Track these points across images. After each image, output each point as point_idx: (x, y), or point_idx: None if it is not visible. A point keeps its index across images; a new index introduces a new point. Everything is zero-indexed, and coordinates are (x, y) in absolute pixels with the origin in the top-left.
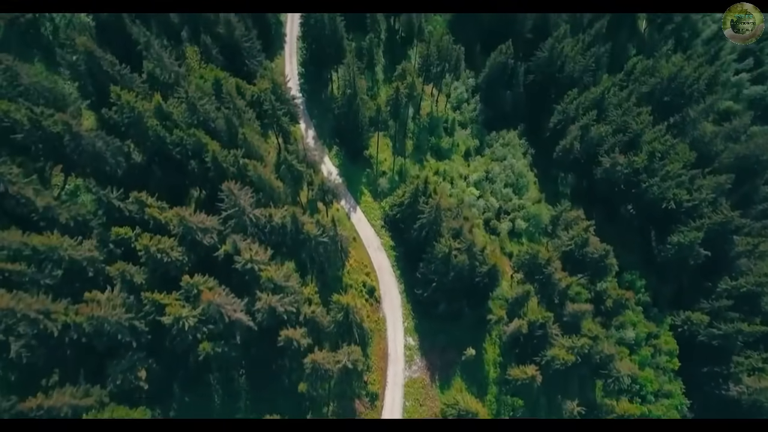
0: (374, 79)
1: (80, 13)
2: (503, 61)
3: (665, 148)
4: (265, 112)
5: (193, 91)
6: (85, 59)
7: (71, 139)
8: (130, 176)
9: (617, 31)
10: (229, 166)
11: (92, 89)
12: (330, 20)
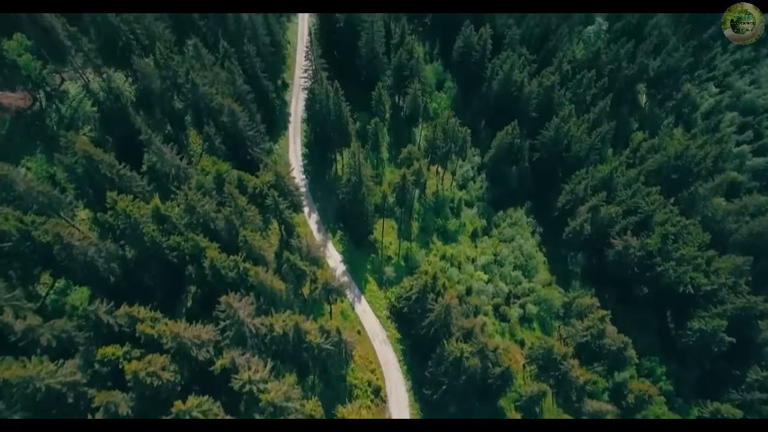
0: (379, 158)
1: (86, 103)
2: (510, 141)
3: (678, 230)
4: (268, 207)
5: (194, 194)
6: (84, 162)
7: (62, 249)
8: (124, 279)
9: (618, 105)
10: (229, 271)
11: (90, 189)
12: (335, 104)
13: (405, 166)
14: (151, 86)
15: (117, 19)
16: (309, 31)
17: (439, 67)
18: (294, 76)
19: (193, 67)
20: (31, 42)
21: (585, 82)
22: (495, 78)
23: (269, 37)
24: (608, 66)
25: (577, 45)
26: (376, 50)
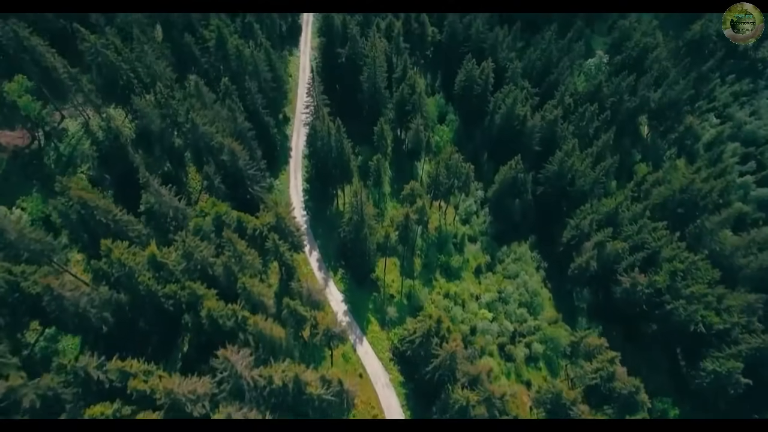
0: (381, 193)
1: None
2: (513, 175)
3: (686, 266)
4: (268, 249)
5: (191, 240)
6: (79, 209)
7: (51, 300)
8: (117, 327)
9: (621, 137)
10: (227, 320)
11: (84, 234)
12: (337, 141)
13: (408, 203)
14: (150, 125)
15: (118, 58)
16: (311, 67)
17: (441, 99)
18: (295, 109)
19: (193, 107)
20: (32, 83)
21: (587, 116)
22: (497, 112)
23: (271, 73)
24: (610, 99)
25: (578, 77)
26: (378, 85)
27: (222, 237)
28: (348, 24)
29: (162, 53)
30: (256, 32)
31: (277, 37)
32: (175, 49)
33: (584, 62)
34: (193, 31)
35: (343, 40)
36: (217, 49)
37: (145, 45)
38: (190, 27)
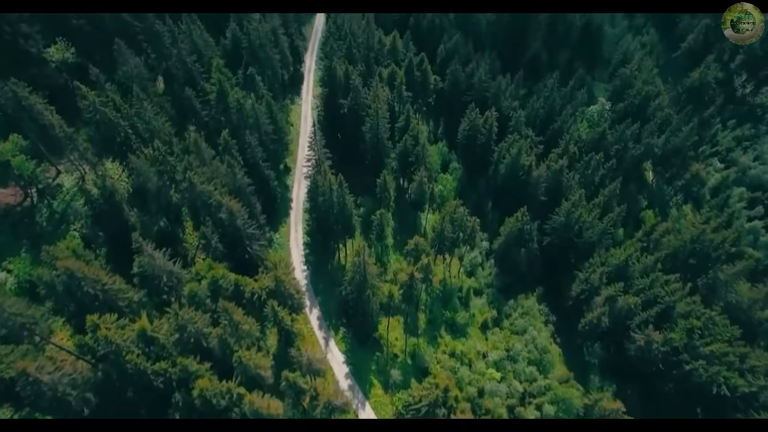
0: (384, 245)
1: (78, 200)
2: (519, 227)
3: (704, 322)
4: (266, 316)
5: (185, 312)
6: (65, 280)
7: (27, 385)
8: (102, 399)
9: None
10: (221, 399)
11: (71, 304)
12: (339, 197)
13: (411, 258)
14: (147, 183)
15: (117, 115)
16: (313, 117)
17: (444, 148)
18: (297, 159)
19: (191, 165)
20: (27, 142)
21: (593, 164)
22: (502, 161)
23: (272, 125)
24: (614, 146)
25: (581, 124)
26: (380, 135)
27: (218, 302)
28: (350, 74)
29: (162, 106)
30: (258, 84)
31: (279, 86)
32: (175, 102)
33: (587, 109)
34: (194, 83)
35: (345, 90)
36: (217, 102)
37: (145, 101)
38: (191, 80)
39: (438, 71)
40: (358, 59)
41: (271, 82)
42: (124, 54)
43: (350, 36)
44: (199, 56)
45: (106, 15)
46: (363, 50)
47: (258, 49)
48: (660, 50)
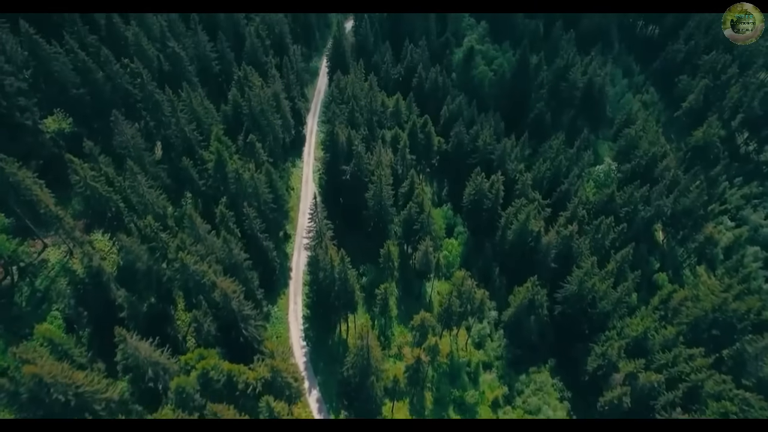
0: (387, 316)
1: (61, 280)
2: (530, 297)
3: (738, 406)
4: (260, 411)
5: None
6: (32, 388)
7: None
8: None
9: (637, 244)
10: None
11: (40, 412)
12: (341, 273)
13: (417, 333)
14: (136, 262)
15: (109, 189)
16: (314, 193)
17: (449, 211)
18: (297, 225)
19: (184, 243)
20: (10, 220)
21: (603, 228)
22: (509, 227)
23: (272, 194)
24: (624, 208)
25: (587, 183)
26: (384, 203)
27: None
28: (353, 139)
29: (158, 176)
30: (258, 151)
31: (280, 149)
32: (172, 171)
33: (593, 169)
34: (193, 152)
35: (347, 155)
36: (215, 172)
37: (138, 175)
38: (189, 148)
39: (441, 132)
40: (360, 123)
41: (271, 147)
42: (121, 125)
43: (353, 100)
44: (198, 124)
45: (108, 84)
46: (366, 114)
47: (259, 116)
48: (660, 108)
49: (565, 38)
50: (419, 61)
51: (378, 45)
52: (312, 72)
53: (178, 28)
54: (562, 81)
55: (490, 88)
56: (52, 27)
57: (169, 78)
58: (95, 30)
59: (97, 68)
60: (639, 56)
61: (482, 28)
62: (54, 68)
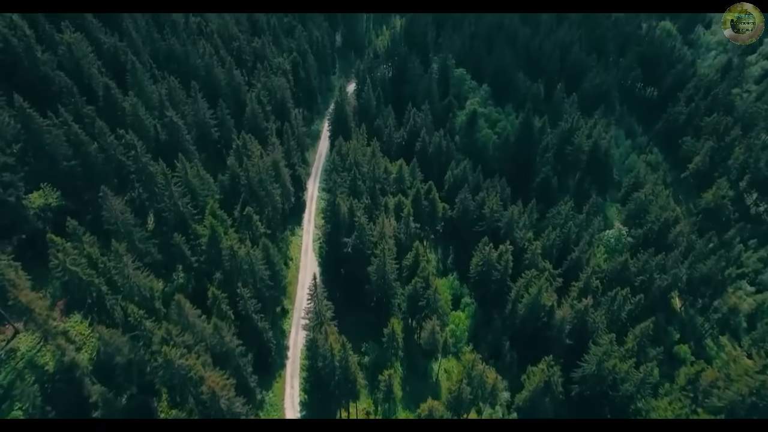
0: (392, 399)
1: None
2: (546, 380)
3: None
4: None
5: None
6: None
7: None
8: None
9: (653, 312)
10: None
11: None
12: (341, 361)
13: None
14: (116, 355)
15: (91, 273)
16: (314, 274)
17: (455, 281)
18: (296, 298)
19: (170, 334)
20: None
21: (619, 300)
22: (520, 301)
23: (269, 271)
24: (638, 277)
25: (597, 248)
26: (387, 277)
27: None
28: (355, 211)
29: (148, 251)
30: (255, 224)
31: (279, 218)
32: (163, 245)
33: (603, 233)
34: (186, 226)
35: (349, 227)
36: (209, 248)
37: (125, 256)
38: (182, 222)
39: (446, 198)
40: (362, 191)
41: (269, 218)
42: (109, 201)
43: (355, 167)
44: (193, 196)
45: (100, 156)
46: (368, 181)
47: (257, 186)
48: (666, 169)
49: (568, 101)
50: (422, 125)
51: (380, 108)
52: (313, 135)
53: (178, 96)
54: (567, 144)
55: (494, 151)
56: (49, 99)
57: (166, 147)
58: (93, 100)
59: (91, 140)
60: (640, 117)
61: (484, 90)
62: (46, 141)
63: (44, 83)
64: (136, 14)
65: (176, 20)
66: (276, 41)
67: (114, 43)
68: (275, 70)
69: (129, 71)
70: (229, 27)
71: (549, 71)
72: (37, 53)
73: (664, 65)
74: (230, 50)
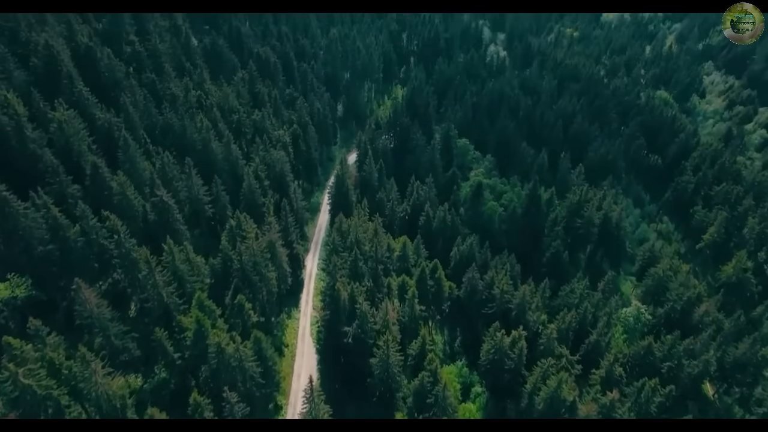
0: None
1: None
2: None
3: None
4: None
5: None
6: None
7: None
8: None
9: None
10: None
11: None
12: None
13: None
14: None
15: (50, 383)
16: (310, 377)
17: (464, 368)
18: (290, 391)
19: None
20: None
21: (647, 391)
22: (537, 394)
23: (260, 368)
24: (665, 363)
25: (615, 328)
26: (391, 371)
27: None
28: (356, 297)
29: (125, 347)
30: (247, 313)
31: (274, 302)
32: (143, 340)
33: (621, 311)
34: (170, 318)
35: (350, 314)
36: (194, 344)
37: (92, 362)
38: (166, 314)
39: (452, 276)
40: (364, 272)
41: (263, 304)
42: (82, 294)
43: (356, 247)
44: (180, 284)
45: (80, 240)
46: (370, 262)
47: (250, 271)
48: (678, 239)
49: (575, 172)
50: (426, 198)
51: (382, 180)
52: (313, 208)
53: (171, 172)
54: (576, 217)
55: (501, 224)
56: (34, 177)
57: (155, 228)
58: (80, 179)
59: (71, 223)
60: (647, 185)
61: (488, 161)
62: (21, 225)
63: (31, 161)
64: (135, 88)
65: (176, 93)
66: (277, 113)
67: (108, 119)
68: (275, 143)
69: (121, 147)
70: (229, 99)
71: (552, 141)
72: (26, 131)
73: (667, 134)
74: (229, 123)
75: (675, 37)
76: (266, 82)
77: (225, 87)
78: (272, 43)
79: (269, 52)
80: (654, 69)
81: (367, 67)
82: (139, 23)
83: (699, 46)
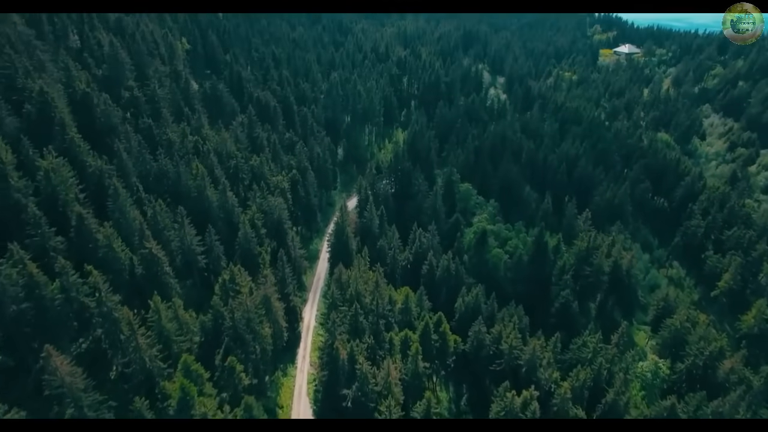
0: None
1: None
2: None
3: None
4: None
5: None
6: None
7: None
8: None
9: None
10: None
11: None
12: None
13: None
14: None
15: None
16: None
17: None
18: None
19: None
20: None
21: None
22: None
23: None
24: None
25: (632, 385)
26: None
27: None
28: (356, 357)
29: (100, 417)
30: (238, 376)
31: (269, 360)
32: (121, 408)
33: (637, 365)
34: (152, 384)
35: (349, 375)
36: (178, 414)
37: None
38: (149, 379)
39: (457, 328)
40: (365, 328)
41: (256, 364)
42: (52, 363)
43: (356, 300)
44: (166, 345)
45: (58, 298)
46: (371, 316)
47: (243, 330)
48: (691, 285)
49: (581, 217)
50: (429, 246)
51: (383, 228)
52: (312, 256)
53: (164, 221)
54: (585, 265)
55: (506, 272)
56: (17, 229)
57: (142, 282)
58: (64, 231)
59: (49, 280)
60: (654, 229)
61: (492, 206)
62: None
63: (14, 212)
64: (130, 134)
65: (172, 139)
66: (275, 158)
67: (100, 167)
68: (273, 189)
69: (110, 196)
70: (227, 144)
71: (556, 184)
72: (11, 180)
73: (671, 176)
74: (226, 169)
75: (671, 81)
76: (266, 127)
77: (223, 132)
78: (273, 87)
79: (269, 96)
80: (653, 111)
81: (367, 110)
82: (139, 69)
83: (695, 90)
